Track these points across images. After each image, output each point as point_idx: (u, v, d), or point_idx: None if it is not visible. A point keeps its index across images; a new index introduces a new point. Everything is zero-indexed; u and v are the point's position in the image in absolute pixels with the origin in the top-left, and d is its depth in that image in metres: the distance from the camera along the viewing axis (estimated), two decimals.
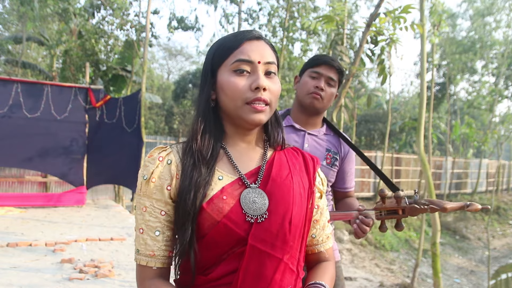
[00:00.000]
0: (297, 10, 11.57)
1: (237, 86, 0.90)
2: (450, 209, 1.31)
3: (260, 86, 0.90)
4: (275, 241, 0.89)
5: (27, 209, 7.40)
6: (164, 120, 16.81)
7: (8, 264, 4.18)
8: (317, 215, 1.03)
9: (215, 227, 0.87)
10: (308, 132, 1.79)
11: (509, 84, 20.49)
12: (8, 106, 7.19)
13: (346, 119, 6.52)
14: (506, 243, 15.50)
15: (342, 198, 1.89)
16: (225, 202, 0.88)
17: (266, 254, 0.88)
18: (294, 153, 1.04)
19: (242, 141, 0.99)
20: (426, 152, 9.20)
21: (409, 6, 3.83)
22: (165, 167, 0.92)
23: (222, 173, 0.93)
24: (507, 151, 30.98)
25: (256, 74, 0.91)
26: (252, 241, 0.87)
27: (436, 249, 6.14)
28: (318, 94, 1.72)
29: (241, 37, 0.94)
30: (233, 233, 0.87)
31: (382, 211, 1.44)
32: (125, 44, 10.54)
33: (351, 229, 5.92)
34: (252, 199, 0.90)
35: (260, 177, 0.94)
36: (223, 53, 0.94)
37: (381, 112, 19.37)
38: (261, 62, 0.92)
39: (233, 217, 0.88)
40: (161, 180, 0.91)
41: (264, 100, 0.91)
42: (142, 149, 7.70)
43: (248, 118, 0.91)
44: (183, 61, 27.74)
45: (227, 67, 0.92)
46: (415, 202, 1.39)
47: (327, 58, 1.75)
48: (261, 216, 0.89)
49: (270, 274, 0.88)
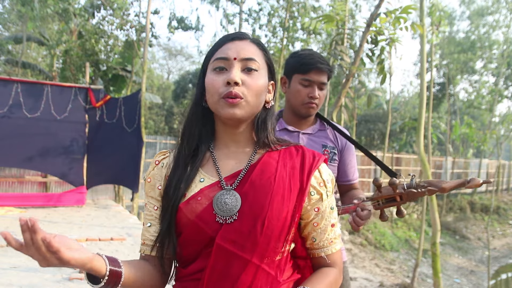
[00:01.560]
0: (297, 10, 11.57)
1: (214, 82, 0.96)
2: (449, 188, 1.27)
3: (230, 80, 0.93)
4: (245, 242, 0.89)
5: (27, 209, 7.40)
6: (164, 120, 16.81)
7: (8, 264, 4.18)
8: (317, 218, 0.99)
9: (189, 226, 0.93)
10: (302, 132, 1.79)
11: (509, 84, 20.50)
12: (8, 106, 7.19)
13: (346, 119, 6.53)
14: (506, 243, 15.50)
15: (346, 191, 1.88)
16: (199, 202, 0.94)
17: (234, 255, 0.89)
18: (293, 153, 1.01)
19: (231, 141, 1.01)
20: (426, 152, 9.19)
21: (409, 6, 3.83)
22: (159, 169, 1.03)
23: (205, 176, 0.98)
24: (507, 151, 30.99)
25: (230, 70, 0.95)
26: (220, 240, 0.90)
27: (436, 249, 6.15)
28: (313, 103, 1.71)
29: (224, 39, 1.00)
30: (203, 232, 0.92)
31: (379, 200, 1.40)
32: (125, 44, 10.54)
33: (351, 229, 5.96)
34: (223, 200, 0.92)
35: (239, 179, 0.96)
36: (209, 54, 1.00)
37: (381, 112, 19.36)
38: (237, 59, 0.95)
39: (204, 217, 0.92)
40: (154, 180, 1.02)
41: (234, 94, 0.93)
42: (142, 149, 7.70)
43: (222, 112, 0.95)
44: (183, 61, 27.76)
45: (210, 66, 0.98)
46: (412, 186, 1.33)
47: (316, 63, 1.69)
48: (230, 217, 0.91)
49: (236, 274, 0.89)
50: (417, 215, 14.49)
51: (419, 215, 14.24)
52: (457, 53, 17.97)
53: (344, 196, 1.88)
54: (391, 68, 13.64)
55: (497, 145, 19.15)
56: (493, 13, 19.55)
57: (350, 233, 10.91)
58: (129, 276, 0.91)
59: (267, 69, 1.01)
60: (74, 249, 0.80)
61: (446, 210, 16.92)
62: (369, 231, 11.57)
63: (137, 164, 7.57)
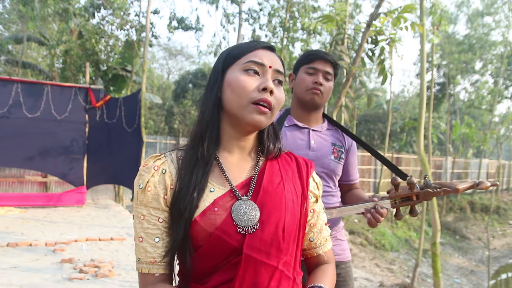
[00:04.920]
0: (297, 10, 11.57)
1: (246, 84, 0.91)
2: (462, 190, 1.33)
3: (268, 87, 0.92)
4: (269, 249, 0.90)
5: (27, 209, 7.40)
6: (164, 120, 16.81)
7: (8, 264, 4.18)
8: (313, 219, 1.04)
9: (209, 239, 0.88)
10: (312, 128, 1.80)
11: (508, 84, 20.50)
12: (8, 106, 7.19)
13: (346, 119, 6.52)
14: (506, 243, 15.49)
15: (348, 190, 1.90)
16: (217, 214, 0.90)
17: (261, 263, 0.89)
18: (288, 159, 1.04)
19: (237, 147, 0.98)
20: (426, 152, 9.18)
21: (409, 6, 3.83)
22: (160, 176, 0.93)
23: (214, 185, 0.93)
24: (507, 151, 30.98)
25: (265, 76, 0.94)
26: (247, 250, 0.88)
27: (436, 249, 6.14)
28: (317, 89, 1.72)
29: (255, 44, 0.97)
30: (226, 244, 0.88)
31: (396, 199, 1.45)
32: (125, 44, 10.54)
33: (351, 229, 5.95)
34: (243, 210, 0.91)
35: (252, 188, 0.95)
36: (237, 54, 0.96)
37: (381, 112, 19.37)
38: (272, 68, 0.95)
39: (225, 229, 0.89)
40: (157, 189, 0.92)
41: (269, 103, 0.92)
42: (142, 149, 7.69)
43: (250, 118, 0.91)
44: (183, 61, 27.75)
45: (239, 66, 0.94)
46: (428, 186, 1.39)
47: (321, 53, 1.75)
48: (252, 227, 0.90)
49: (266, 282, 0.89)
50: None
51: (419, 215, 14.22)
52: (457, 53, 17.97)
53: (345, 195, 1.90)
54: (391, 68, 13.64)
55: (497, 145, 19.15)
56: (492, 14, 19.55)
57: (350, 233, 10.91)
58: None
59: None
60: None
61: (446, 210, 16.92)
62: (369, 231, 11.57)
63: (137, 164, 7.57)
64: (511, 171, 24.85)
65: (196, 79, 17.18)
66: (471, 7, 20.50)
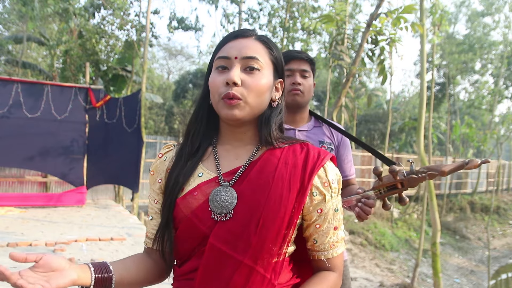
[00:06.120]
0: (297, 10, 11.58)
1: (215, 82, 0.94)
2: (449, 171, 1.25)
3: (229, 80, 0.90)
4: (238, 242, 0.86)
5: (27, 209, 7.40)
6: (164, 120, 16.81)
7: (8, 264, 4.18)
8: (320, 220, 0.93)
9: (183, 222, 0.91)
10: (298, 129, 1.79)
11: (508, 84, 20.50)
12: (8, 106, 7.19)
13: (346, 119, 6.52)
14: (506, 243, 15.49)
15: (344, 187, 1.87)
16: (195, 198, 0.92)
17: (226, 255, 0.86)
18: (297, 150, 0.96)
19: (234, 139, 0.99)
20: (426, 152, 9.20)
21: (410, 7, 3.83)
22: (161, 163, 1.02)
23: (204, 170, 0.96)
24: (507, 151, 30.97)
25: (231, 69, 0.92)
26: (213, 239, 0.87)
27: (436, 249, 6.15)
28: (297, 89, 1.73)
29: (228, 36, 0.97)
30: (197, 229, 0.90)
31: (381, 189, 1.39)
32: (125, 44, 10.54)
33: (351, 229, 5.95)
34: (219, 197, 0.90)
35: (237, 176, 0.93)
36: (214, 53, 0.98)
37: (381, 112, 19.37)
38: (238, 58, 0.92)
39: (199, 214, 0.90)
40: (156, 173, 1.02)
41: (231, 95, 0.90)
42: (142, 149, 7.69)
43: (222, 112, 0.93)
44: (183, 61, 27.72)
45: (214, 66, 0.97)
46: (412, 172, 1.33)
47: (294, 52, 1.77)
48: (225, 215, 0.88)
49: (229, 275, 0.86)
50: (417, 215, 14.49)
51: (419, 215, 14.24)
52: (457, 53, 17.97)
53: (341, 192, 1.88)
54: (391, 68, 13.65)
55: (497, 145, 19.16)
56: (492, 14, 19.55)
57: (350, 233, 10.92)
58: (121, 278, 0.91)
59: (273, 67, 0.98)
60: (58, 274, 0.78)
61: (446, 210, 16.93)
62: (369, 231, 11.57)
63: (137, 164, 7.57)
64: (511, 171, 24.85)
65: (196, 79, 17.16)
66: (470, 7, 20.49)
